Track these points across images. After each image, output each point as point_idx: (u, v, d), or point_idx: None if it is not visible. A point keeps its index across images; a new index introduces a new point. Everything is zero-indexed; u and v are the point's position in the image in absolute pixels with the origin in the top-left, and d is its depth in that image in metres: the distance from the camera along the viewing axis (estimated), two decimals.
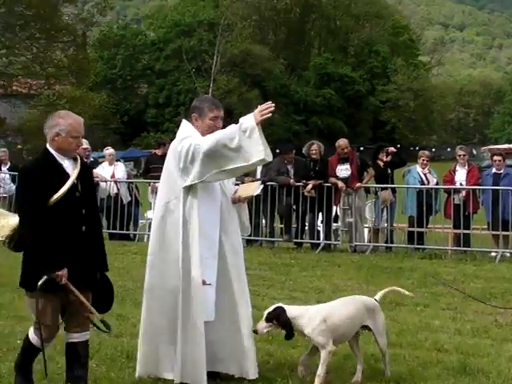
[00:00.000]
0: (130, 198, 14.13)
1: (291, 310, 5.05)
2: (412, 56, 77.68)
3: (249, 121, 4.87)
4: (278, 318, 4.96)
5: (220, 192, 5.15)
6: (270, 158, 4.89)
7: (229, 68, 65.33)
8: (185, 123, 5.25)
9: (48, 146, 4.62)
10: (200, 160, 4.85)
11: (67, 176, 4.55)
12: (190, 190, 4.96)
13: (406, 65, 72.06)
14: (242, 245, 5.30)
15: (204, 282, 4.94)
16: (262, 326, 4.98)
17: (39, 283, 4.38)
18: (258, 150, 4.82)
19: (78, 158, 4.69)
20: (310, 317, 5.02)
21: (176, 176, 4.98)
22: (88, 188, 4.71)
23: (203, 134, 5.07)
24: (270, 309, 5.05)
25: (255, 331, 5.02)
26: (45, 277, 4.39)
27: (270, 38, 71.38)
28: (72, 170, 4.60)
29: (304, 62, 71.14)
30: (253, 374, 5.11)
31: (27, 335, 4.69)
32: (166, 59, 68.40)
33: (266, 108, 4.90)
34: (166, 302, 4.99)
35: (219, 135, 4.89)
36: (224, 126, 5.19)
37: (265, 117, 4.90)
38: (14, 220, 4.59)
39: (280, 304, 5.14)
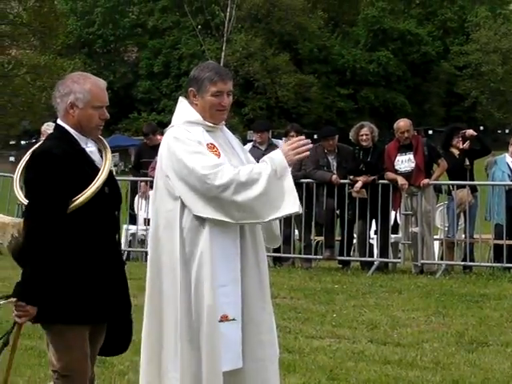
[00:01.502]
0: None
1: None
2: (501, 4, 77.31)
3: (279, 160, 4.93)
4: None
5: None
6: (300, 210, 4.97)
7: (248, 24, 65.47)
8: (181, 102, 5.30)
9: (60, 122, 4.57)
10: (202, 197, 4.92)
11: (95, 167, 4.52)
12: None
13: (491, 16, 71.74)
14: (266, 261, 5.35)
15: (225, 318, 5.00)
16: None
17: None
18: (290, 201, 4.88)
19: (103, 139, 4.68)
20: None
21: (172, 184, 5.05)
22: (114, 181, 4.72)
23: (204, 114, 5.12)
24: None
25: None
26: None
27: None
28: (98, 156, 4.58)
29: (351, 14, 71.11)
30: None
31: None
32: (163, 13, 68.80)
33: (303, 144, 4.96)
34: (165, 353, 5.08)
35: (236, 173, 4.91)
36: (241, 103, 5.22)
37: (301, 156, 4.96)
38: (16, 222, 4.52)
39: None
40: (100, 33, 68.10)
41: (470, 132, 13.10)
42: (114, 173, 5.03)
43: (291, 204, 4.86)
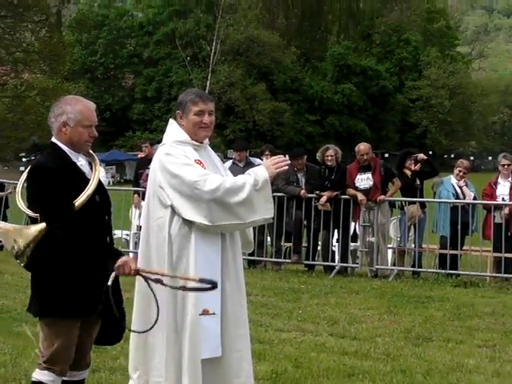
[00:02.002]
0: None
1: None
2: (449, 46, 77.90)
3: (261, 173, 4.96)
4: None
5: None
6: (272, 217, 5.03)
7: (231, 57, 65.49)
8: (171, 124, 5.31)
9: (54, 139, 4.56)
10: (189, 199, 4.92)
11: (84, 177, 4.50)
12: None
13: (441, 56, 72.18)
14: (242, 264, 5.35)
15: (206, 312, 5.00)
16: None
17: (110, 282, 4.28)
18: (267, 208, 4.94)
19: (93, 153, 4.66)
20: None
21: (163, 192, 5.03)
22: (104, 190, 4.70)
23: (190, 134, 5.13)
24: None
25: None
26: (113, 273, 4.32)
27: (280, 21, 71.53)
28: (88, 169, 4.57)
29: (320, 51, 71.28)
30: None
31: (32, 381, 4.51)
32: (157, 45, 68.68)
33: (282, 160, 5.01)
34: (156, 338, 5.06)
35: (224, 180, 4.95)
36: (223, 125, 5.25)
37: (280, 170, 5.00)
38: (29, 231, 4.43)
39: None
40: (101, 61, 67.90)
41: (421, 156, 13.17)
42: (111, 183, 5.00)
43: (268, 210, 4.93)
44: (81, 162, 4.55)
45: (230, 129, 61.32)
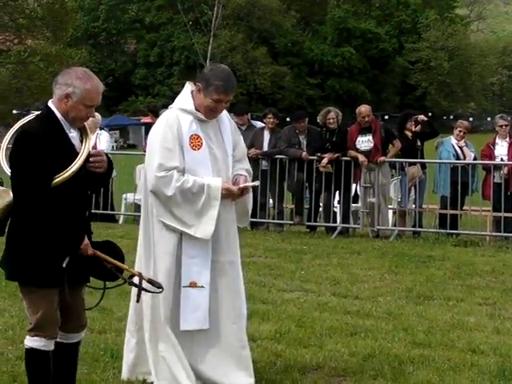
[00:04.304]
0: (115, 174, 14.20)
1: None
2: (448, 8, 77.30)
3: (214, 192, 5.02)
4: None
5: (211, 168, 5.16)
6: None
7: (232, 21, 65.08)
8: (186, 89, 5.27)
9: (51, 104, 4.42)
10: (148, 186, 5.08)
11: (74, 150, 4.37)
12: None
13: (440, 19, 71.66)
14: (237, 235, 5.35)
15: (194, 285, 5.04)
16: None
17: (64, 265, 4.28)
18: (207, 226, 5.02)
19: (87, 127, 4.53)
20: None
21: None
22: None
23: (199, 108, 5.11)
24: None
25: None
26: (67, 258, 4.30)
27: None
28: (78, 142, 4.44)
29: (320, 14, 70.82)
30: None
31: (26, 349, 4.51)
32: (158, 10, 68.25)
33: (238, 195, 5.13)
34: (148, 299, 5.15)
35: (185, 188, 4.98)
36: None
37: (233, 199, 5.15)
38: (7, 196, 4.38)
39: None
40: (104, 27, 67.51)
41: (422, 117, 13.09)
42: (115, 148, 4.96)
43: (207, 229, 5.02)
44: (72, 133, 4.42)
45: None
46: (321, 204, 13.11)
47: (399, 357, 5.87)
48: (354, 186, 13.01)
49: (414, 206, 12.93)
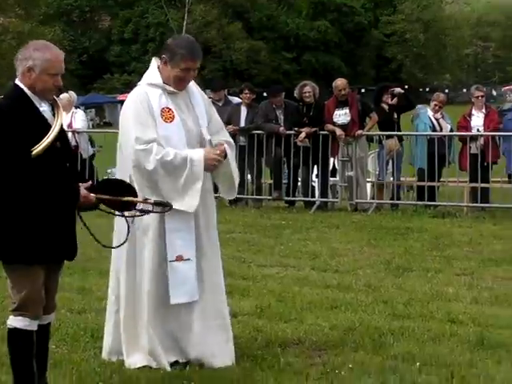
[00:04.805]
0: (92, 152, 14.13)
1: None
2: None
3: (198, 166, 4.99)
4: None
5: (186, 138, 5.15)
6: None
7: None
8: (152, 65, 5.23)
9: (18, 81, 4.43)
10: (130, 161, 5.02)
11: (46, 123, 4.38)
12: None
13: None
14: (214, 205, 5.35)
15: (180, 258, 5.04)
16: None
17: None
18: (192, 200, 4.98)
19: (58, 100, 4.54)
20: None
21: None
22: (65, 137, 4.61)
23: (167, 81, 5.08)
24: None
25: None
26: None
27: None
28: (50, 115, 4.44)
29: None
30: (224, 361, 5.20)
31: (9, 329, 4.47)
32: None
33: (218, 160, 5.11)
34: (130, 276, 5.14)
35: (166, 161, 4.94)
36: (201, 66, 5.17)
37: (216, 167, 5.12)
38: None
39: None
40: (77, 4, 66.82)
41: (398, 90, 13.14)
42: (90, 126, 4.95)
43: (192, 202, 4.99)
44: (43, 107, 4.42)
45: (208, 69, 60.81)
46: (299, 179, 13.11)
47: (379, 329, 5.89)
48: (331, 159, 13.04)
49: (391, 178, 12.96)
